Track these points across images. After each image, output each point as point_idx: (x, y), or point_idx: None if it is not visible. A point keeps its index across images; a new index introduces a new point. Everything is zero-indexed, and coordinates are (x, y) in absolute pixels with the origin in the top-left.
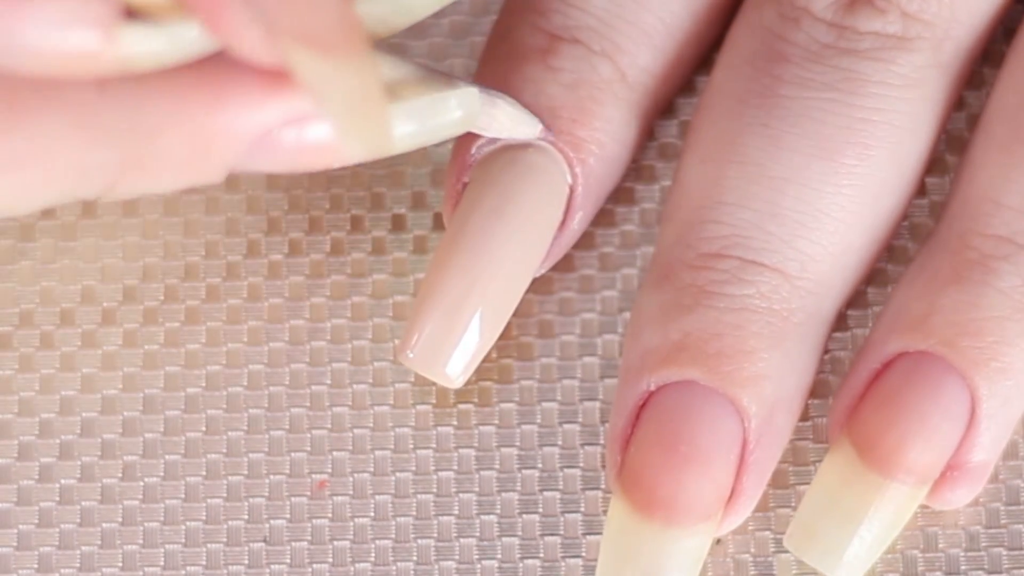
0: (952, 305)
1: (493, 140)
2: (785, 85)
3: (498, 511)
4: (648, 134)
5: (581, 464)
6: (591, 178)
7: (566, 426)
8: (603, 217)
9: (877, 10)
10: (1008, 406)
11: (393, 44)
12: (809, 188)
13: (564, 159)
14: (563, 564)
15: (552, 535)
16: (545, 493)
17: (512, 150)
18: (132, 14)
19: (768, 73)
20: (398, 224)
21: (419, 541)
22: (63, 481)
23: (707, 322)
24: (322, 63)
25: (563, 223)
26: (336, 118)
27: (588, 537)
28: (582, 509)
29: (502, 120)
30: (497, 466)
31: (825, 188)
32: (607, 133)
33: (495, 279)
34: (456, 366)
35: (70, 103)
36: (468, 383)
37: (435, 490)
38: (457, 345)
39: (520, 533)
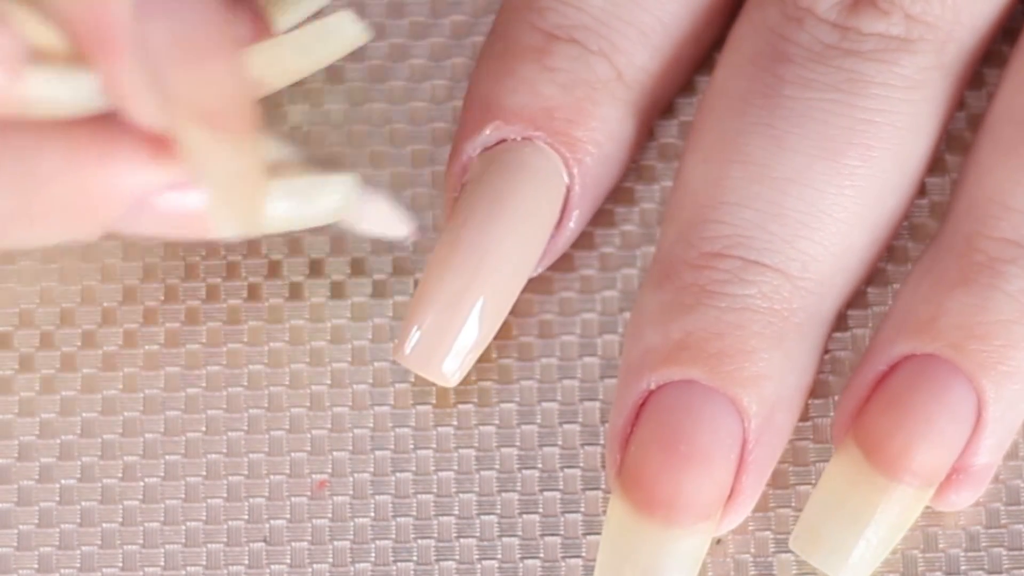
0: (959, 308)
1: (491, 141)
2: (788, 85)
3: (498, 511)
4: (648, 134)
5: (581, 464)
6: (588, 177)
7: (566, 426)
8: (603, 217)
9: (880, 11)
10: (1014, 410)
11: (395, 45)
12: (812, 188)
13: (560, 159)
14: (563, 564)
15: (552, 535)
16: (545, 493)
17: (509, 151)
18: (37, 58)
19: (771, 73)
20: None
21: (419, 541)
22: (63, 481)
23: (708, 321)
24: (209, 139)
25: (560, 222)
26: (213, 193)
27: (588, 537)
28: (582, 509)
29: (371, 217)
30: (497, 466)
31: (828, 189)
32: (604, 133)
33: (491, 278)
34: (452, 365)
35: None
36: (468, 383)
37: (435, 490)
38: (453, 344)
39: (520, 533)
